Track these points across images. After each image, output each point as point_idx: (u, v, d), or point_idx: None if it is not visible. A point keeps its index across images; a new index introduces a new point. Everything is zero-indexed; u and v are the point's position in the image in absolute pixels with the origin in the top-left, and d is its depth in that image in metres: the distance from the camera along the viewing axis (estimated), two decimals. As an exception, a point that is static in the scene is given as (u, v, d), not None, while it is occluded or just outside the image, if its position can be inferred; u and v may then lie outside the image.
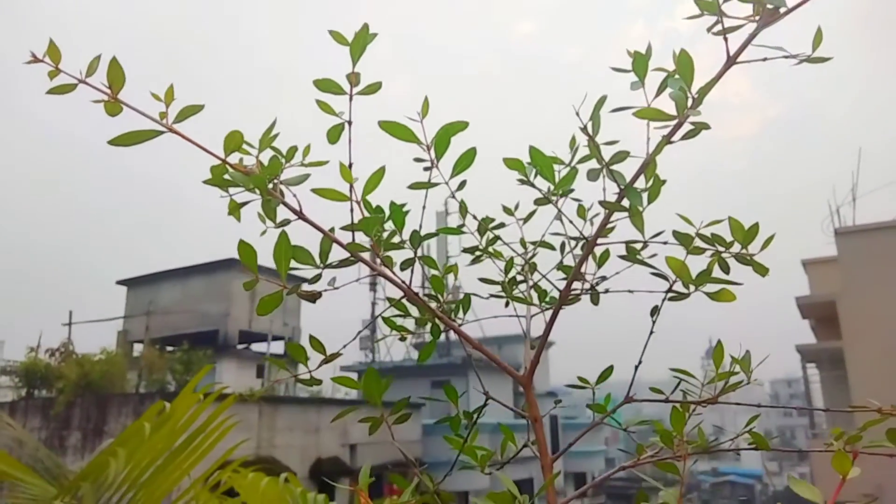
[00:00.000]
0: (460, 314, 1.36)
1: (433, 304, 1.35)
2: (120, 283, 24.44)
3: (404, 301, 1.35)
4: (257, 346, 24.19)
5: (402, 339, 1.51)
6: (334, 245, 1.24)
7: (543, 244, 1.55)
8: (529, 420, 1.22)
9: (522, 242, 1.57)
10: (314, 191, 1.12)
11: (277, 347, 24.27)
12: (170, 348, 20.02)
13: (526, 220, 1.59)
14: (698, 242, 1.14)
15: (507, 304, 1.52)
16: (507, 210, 1.60)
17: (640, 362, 1.24)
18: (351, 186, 1.14)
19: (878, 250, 17.12)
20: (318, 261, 1.24)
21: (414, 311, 1.36)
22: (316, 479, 17.61)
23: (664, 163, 1.17)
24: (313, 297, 1.17)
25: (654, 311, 1.24)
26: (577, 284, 1.37)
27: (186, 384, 3.92)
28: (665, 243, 1.16)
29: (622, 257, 1.20)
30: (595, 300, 1.41)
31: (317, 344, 1.20)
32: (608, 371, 1.28)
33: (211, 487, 4.31)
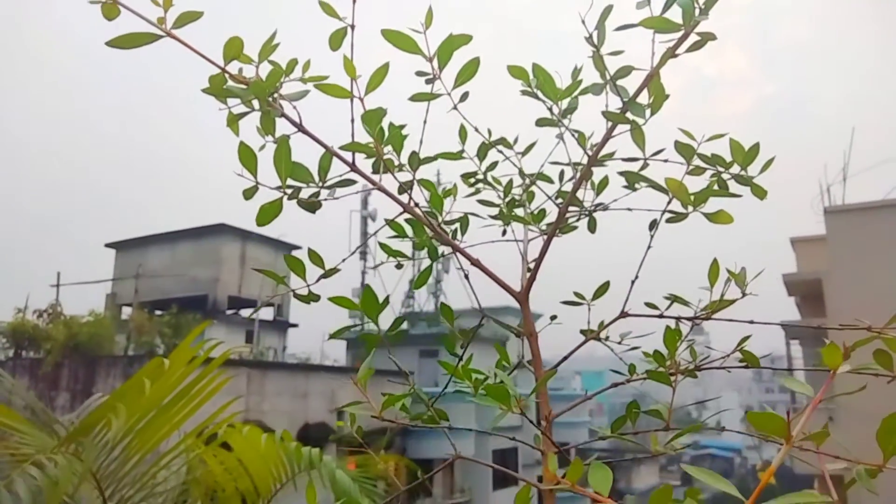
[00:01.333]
0: (458, 236, 1.36)
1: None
2: (108, 245, 24.28)
3: (401, 222, 1.35)
4: (247, 312, 24.20)
5: (399, 266, 1.51)
6: (334, 168, 1.24)
7: (542, 177, 1.54)
8: (525, 336, 1.24)
9: (521, 173, 1.56)
10: (317, 87, 1.11)
11: (267, 313, 24.28)
12: (158, 312, 19.98)
13: (525, 152, 1.59)
14: (698, 161, 1.15)
15: (504, 233, 1.52)
16: (505, 143, 1.59)
17: (636, 277, 1.25)
18: (353, 81, 1.13)
19: (866, 230, 17.27)
20: (316, 178, 1.23)
21: (411, 233, 1.36)
22: (304, 443, 17.80)
23: (658, 136, 1.17)
24: (313, 207, 1.17)
25: (653, 224, 1.25)
26: (574, 209, 1.37)
27: (176, 347, 3.93)
28: (666, 161, 1.16)
29: (621, 173, 1.20)
30: (592, 227, 1.41)
31: (315, 257, 1.20)
32: (604, 287, 1.29)
33: (205, 441, 4.35)
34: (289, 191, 1.12)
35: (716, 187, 1.16)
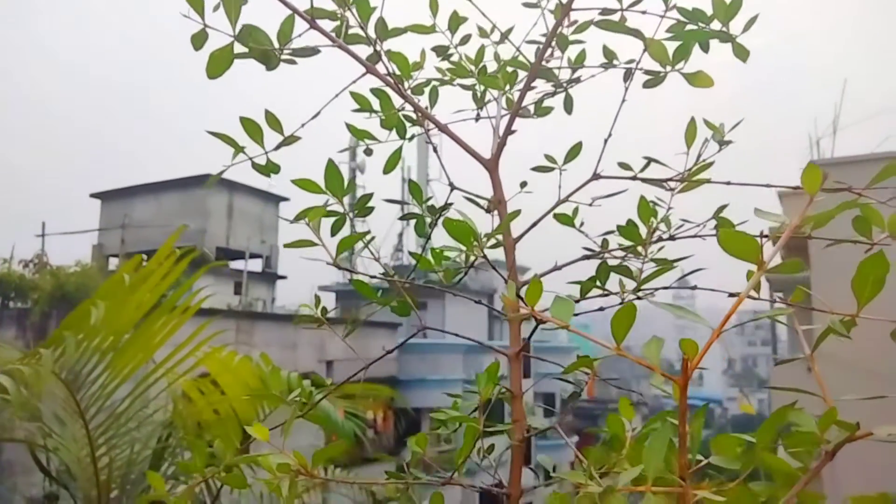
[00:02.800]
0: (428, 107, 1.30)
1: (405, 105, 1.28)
2: (93, 196, 23.95)
3: (368, 97, 1.29)
4: (235, 264, 24.12)
5: (368, 152, 1.45)
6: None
7: (515, 62, 1.47)
8: (493, 205, 1.19)
9: (496, 57, 1.49)
10: None
11: (255, 265, 24.22)
12: (145, 263, 19.82)
13: (501, 40, 1.52)
14: (675, 14, 1.08)
15: (477, 119, 1.46)
16: (482, 32, 1.52)
17: (609, 135, 1.20)
18: None
19: (853, 183, 17.30)
20: (275, 43, 1.16)
21: (378, 109, 1.29)
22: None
23: (645, 100, 1.10)
24: (269, 60, 1.10)
25: (627, 75, 1.19)
26: (549, 87, 1.31)
27: (163, 297, 3.89)
28: (644, 13, 1.10)
29: (597, 23, 1.14)
30: (568, 107, 1.36)
31: (273, 121, 1.14)
32: (576, 148, 1.24)
33: (187, 373, 4.35)
34: (248, 51, 1.04)
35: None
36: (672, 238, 1.16)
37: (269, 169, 1.19)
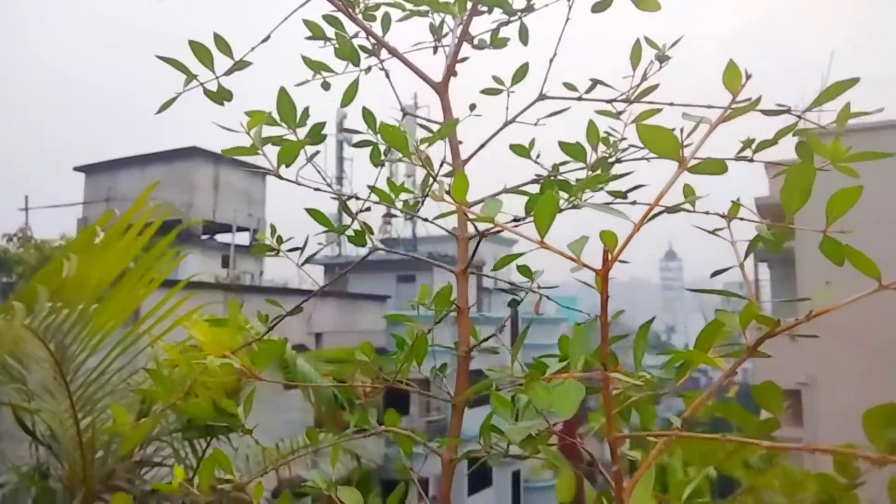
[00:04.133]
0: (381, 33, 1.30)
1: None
2: (77, 169, 23.66)
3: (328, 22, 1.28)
4: (222, 237, 24.01)
5: (325, 86, 1.45)
6: None
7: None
8: (444, 129, 1.20)
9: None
10: None
11: (242, 238, 24.12)
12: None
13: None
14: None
15: (435, 51, 1.46)
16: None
17: (554, 55, 1.22)
18: None
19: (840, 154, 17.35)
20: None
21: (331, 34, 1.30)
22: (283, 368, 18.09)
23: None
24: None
25: None
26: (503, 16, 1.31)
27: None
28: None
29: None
30: (524, 37, 1.36)
31: (221, 44, 1.14)
32: (522, 70, 1.25)
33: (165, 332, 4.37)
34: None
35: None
36: (618, 160, 1.18)
37: (221, 95, 1.19)
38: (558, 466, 0.90)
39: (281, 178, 1.08)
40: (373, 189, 1.39)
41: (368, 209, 1.38)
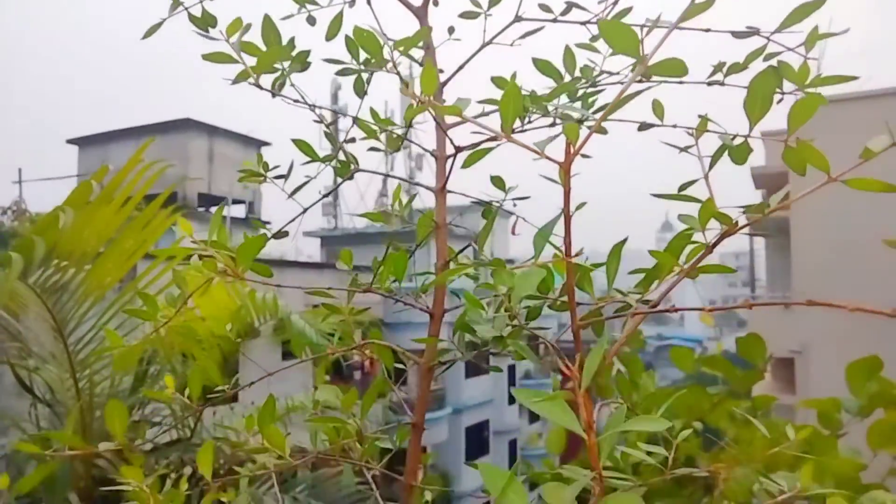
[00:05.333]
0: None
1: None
2: (70, 141, 23.50)
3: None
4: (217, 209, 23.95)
5: (311, 20, 1.47)
6: None
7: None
8: (424, 53, 1.23)
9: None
10: None
11: (238, 211, 24.10)
12: (135, 212, 19.66)
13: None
14: None
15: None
16: None
17: None
18: None
19: (836, 122, 17.37)
20: None
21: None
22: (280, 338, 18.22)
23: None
24: None
25: None
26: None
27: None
28: None
29: None
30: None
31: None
32: None
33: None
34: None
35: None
36: (594, 84, 1.21)
37: (206, 21, 1.21)
38: (525, 357, 0.95)
39: (261, 87, 1.11)
40: (356, 120, 1.42)
41: (353, 140, 1.41)
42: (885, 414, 2.29)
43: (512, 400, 26.79)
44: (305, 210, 1.35)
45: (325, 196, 1.36)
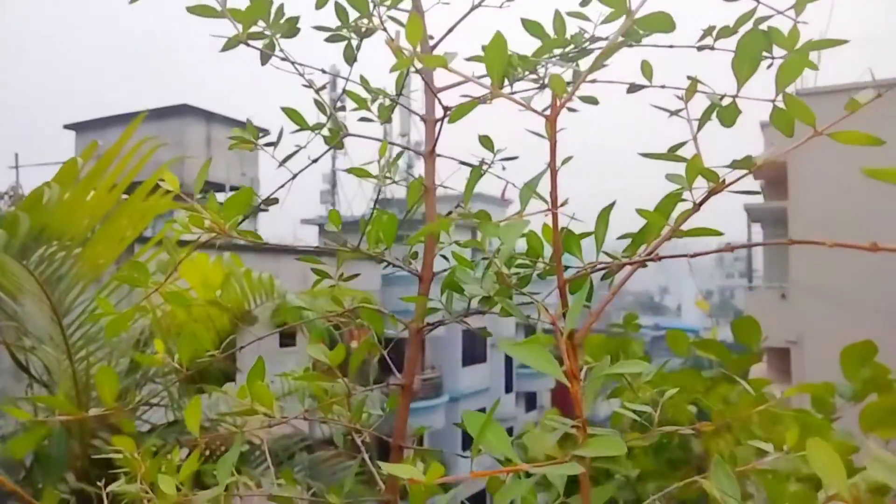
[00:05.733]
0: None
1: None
2: (67, 127, 23.41)
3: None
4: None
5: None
6: None
7: None
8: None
9: None
10: None
11: (236, 198, 24.01)
12: (124, 196, 19.63)
13: None
14: None
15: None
16: None
17: None
18: None
19: (835, 113, 17.29)
20: None
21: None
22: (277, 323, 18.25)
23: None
24: None
25: None
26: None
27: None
28: None
29: None
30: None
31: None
32: None
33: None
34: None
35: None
36: (584, 51, 1.21)
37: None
38: (512, 313, 0.95)
39: (248, 45, 1.11)
40: (347, 93, 1.42)
41: (343, 108, 1.41)
42: (877, 398, 2.30)
43: (509, 389, 26.87)
44: (295, 176, 1.35)
45: (314, 161, 1.36)
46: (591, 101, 1.35)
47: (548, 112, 0.78)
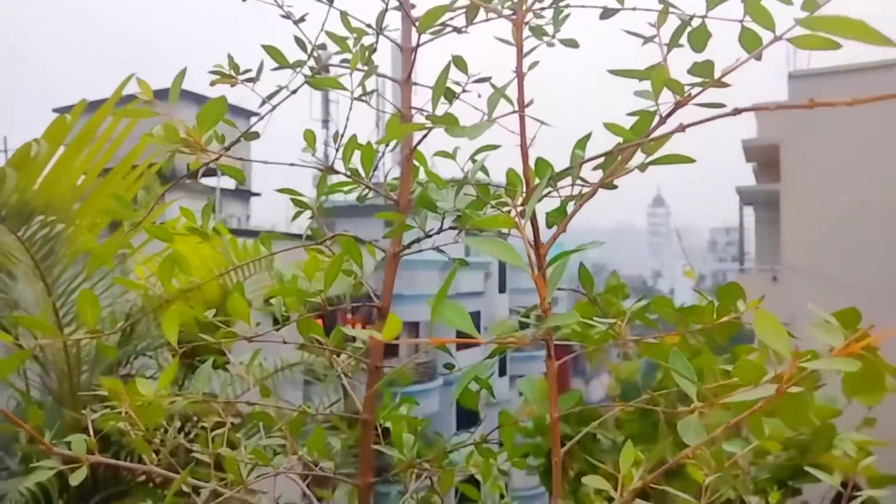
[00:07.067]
0: None
1: None
2: (56, 111, 23.22)
3: None
4: (207, 181, 23.81)
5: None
6: None
7: None
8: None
9: None
10: None
11: (229, 182, 23.98)
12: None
13: None
14: None
15: None
16: None
17: None
18: None
19: (828, 95, 17.25)
20: None
21: None
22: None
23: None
24: None
25: None
26: None
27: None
28: None
29: None
30: None
31: None
32: None
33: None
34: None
35: None
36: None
37: None
38: (483, 227, 0.97)
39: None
40: (330, 35, 1.42)
41: (323, 46, 1.41)
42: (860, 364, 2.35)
43: (503, 372, 26.97)
44: (273, 108, 1.36)
45: (293, 93, 1.37)
46: (572, 43, 1.36)
47: (514, 17, 0.79)
